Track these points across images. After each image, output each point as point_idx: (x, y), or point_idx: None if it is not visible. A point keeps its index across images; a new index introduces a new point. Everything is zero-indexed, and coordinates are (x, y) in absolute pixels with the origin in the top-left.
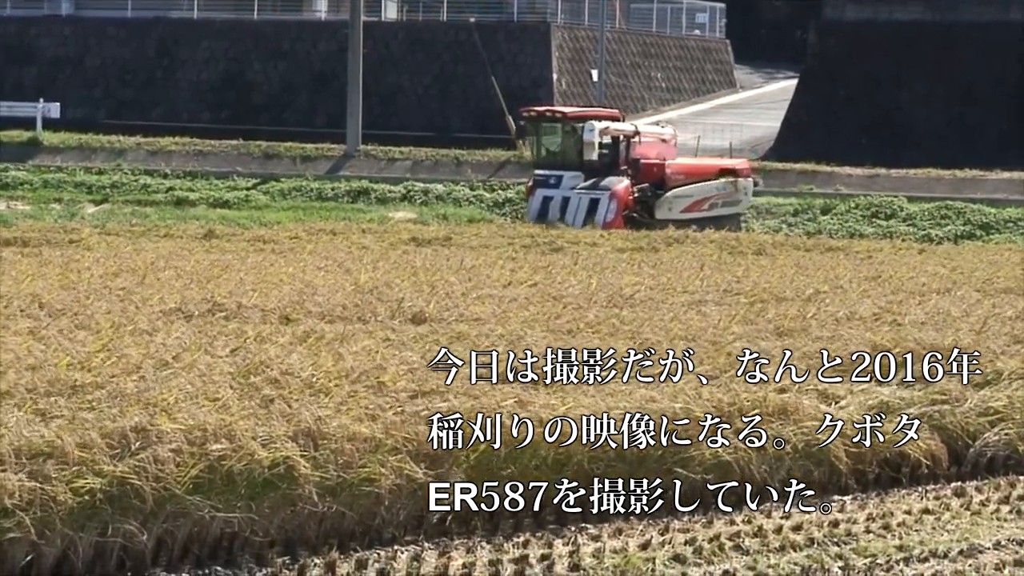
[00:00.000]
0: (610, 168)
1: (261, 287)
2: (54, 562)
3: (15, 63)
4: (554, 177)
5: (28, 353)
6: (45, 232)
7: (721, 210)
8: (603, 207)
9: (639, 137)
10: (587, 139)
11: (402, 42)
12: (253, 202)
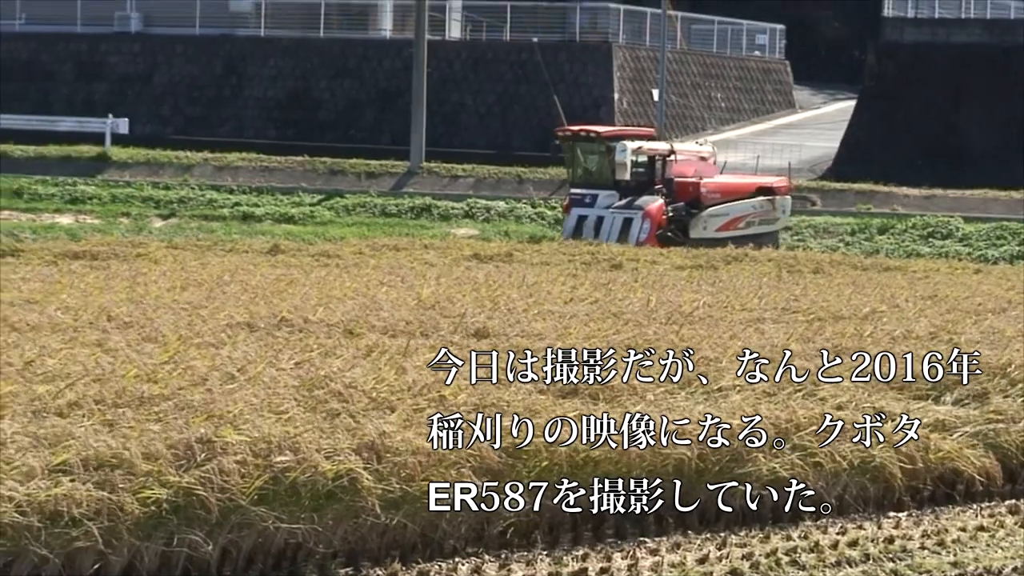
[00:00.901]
0: (645, 187)
1: (325, 301)
2: (121, 571)
3: (85, 79)
4: (589, 196)
5: (96, 365)
6: (113, 246)
7: (758, 228)
8: (636, 226)
9: (674, 156)
10: (619, 159)
11: (465, 61)
12: (318, 218)
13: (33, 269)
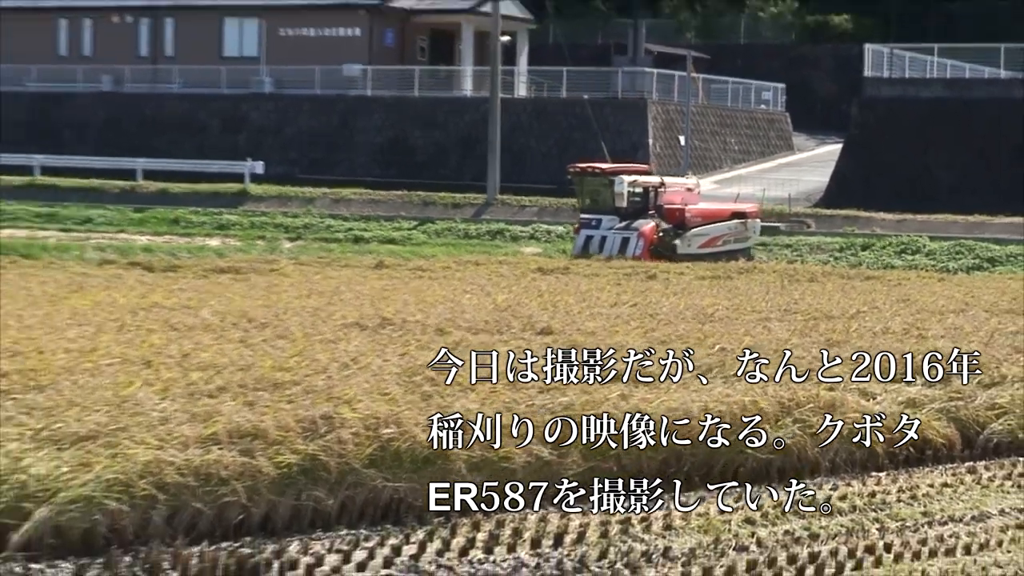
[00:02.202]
0: (640, 212)
1: (420, 306)
2: (260, 521)
3: (229, 130)
4: (595, 220)
5: (240, 357)
6: (252, 262)
7: (733, 245)
8: (632, 244)
9: (664, 187)
10: (617, 190)
11: (530, 114)
12: (414, 239)
13: (188, 281)
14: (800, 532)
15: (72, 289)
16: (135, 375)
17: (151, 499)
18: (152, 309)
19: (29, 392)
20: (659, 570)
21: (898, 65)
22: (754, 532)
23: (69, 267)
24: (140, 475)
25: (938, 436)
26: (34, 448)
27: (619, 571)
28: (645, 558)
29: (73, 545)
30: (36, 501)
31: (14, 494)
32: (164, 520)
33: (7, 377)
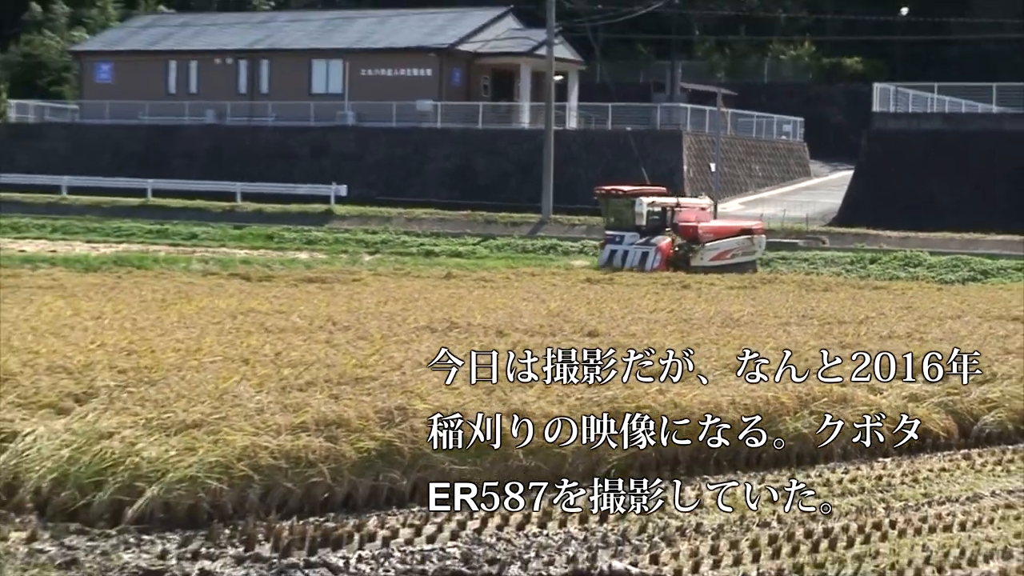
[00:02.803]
0: (658, 229)
1: (483, 311)
2: (343, 499)
3: (316, 158)
4: (619, 236)
5: (326, 356)
6: (336, 273)
7: (741, 258)
8: (650, 257)
9: (680, 207)
10: (637, 210)
11: (580, 144)
12: (478, 254)
13: (281, 289)
14: (817, 510)
15: (179, 296)
16: (234, 371)
17: (248, 479)
18: (249, 314)
19: (142, 386)
20: (692, 543)
21: (903, 101)
22: (775, 511)
23: (177, 277)
24: (238, 458)
25: (937, 427)
26: (146, 434)
27: (656, 544)
28: (680, 532)
29: (180, 519)
30: (148, 481)
31: (129, 475)
32: (259, 497)
33: (124, 373)
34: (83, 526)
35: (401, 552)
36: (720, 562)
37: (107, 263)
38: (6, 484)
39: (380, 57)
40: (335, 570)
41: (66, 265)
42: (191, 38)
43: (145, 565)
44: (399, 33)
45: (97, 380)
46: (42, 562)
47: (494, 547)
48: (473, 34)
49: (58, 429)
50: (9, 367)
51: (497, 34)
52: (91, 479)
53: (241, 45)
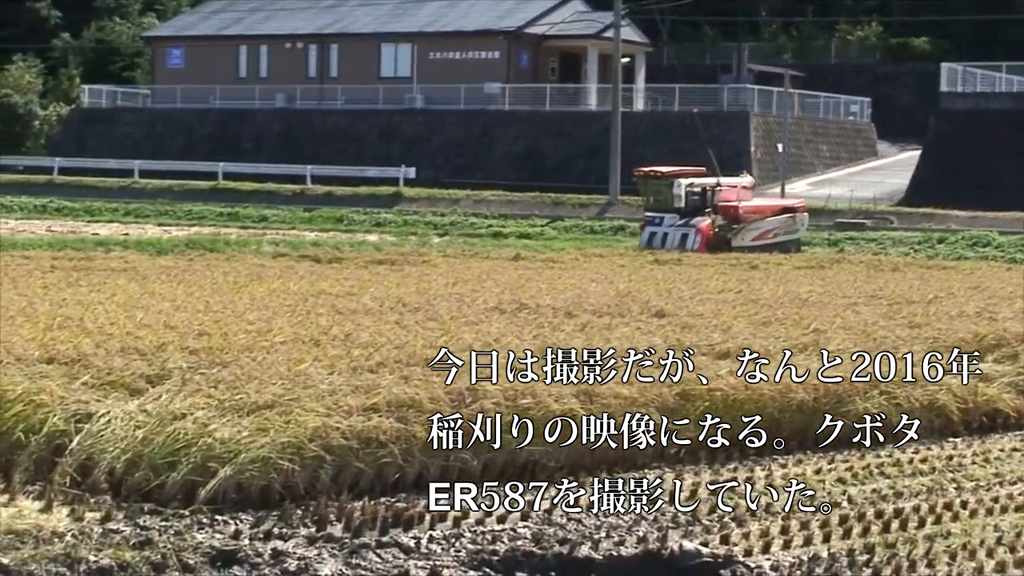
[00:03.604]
0: (699, 210)
1: (552, 292)
2: (414, 479)
3: (385, 141)
4: (658, 218)
5: (396, 337)
6: (405, 255)
7: (783, 237)
8: (690, 238)
9: (720, 187)
10: (675, 192)
11: (647, 126)
12: (546, 235)
13: (351, 271)
14: (886, 490)
15: (251, 278)
16: (305, 353)
17: (319, 459)
18: (320, 295)
19: (215, 367)
20: (762, 524)
21: (970, 81)
22: (845, 490)
23: (248, 259)
24: (310, 439)
25: (1008, 407)
26: (219, 416)
27: (727, 524)
28: (750, 513)
29: (252, 500)
30: (221, 461)
31: (202, 455)
32: (331, 478)
33: (196, 354)
34: (157, 506)
35: (472, 532)
36: (791, 542)
37: (179, 246)
38: (81, 465)
39: (448, 40)
40: (406, 550)
41: (138, 248)
42: (261, 23)
43: (218, 545)
44: (467, 16)
45: (170, 361)
46: (117, 542)
47: (564, 527)
48: (541, 17)
49: (132, 410)
50: (83, 349)
51: (564, 17)
52: (164, 460)
53: (311, 29)
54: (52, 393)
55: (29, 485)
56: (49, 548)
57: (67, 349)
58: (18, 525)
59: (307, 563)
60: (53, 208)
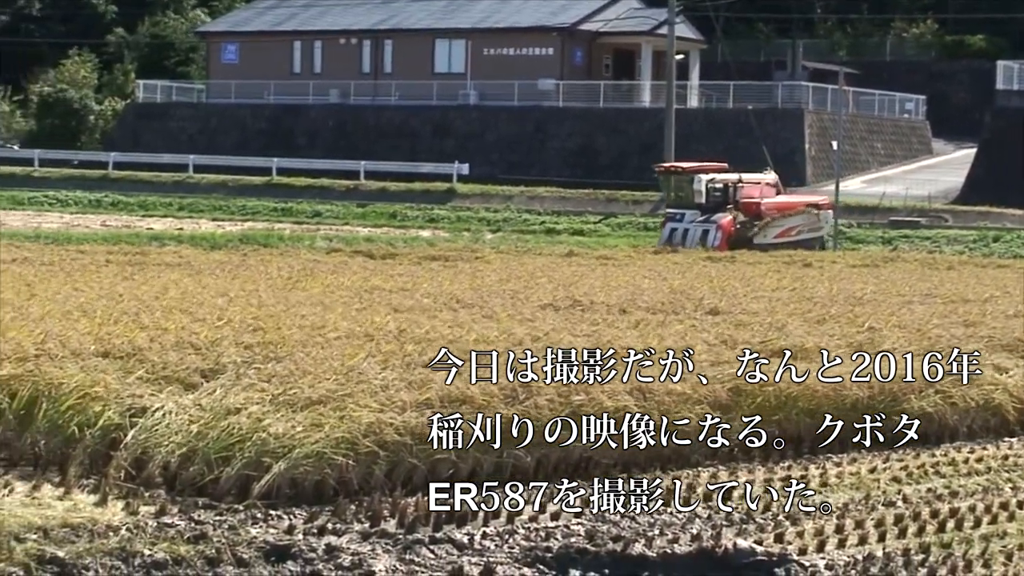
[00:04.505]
0: (720, 206)
1: (605, 289)
2: (467, 475)
3: (439, 136)
4: (680, 214)
5: (450, 332)
6: (458, 251)
7: (807, 235)
8: (711, 235)
9: (742, 183)
10: (696, 187)
11: (701, 123)
12: (599, 232)
13: (404, 267)
14: (941, 490)
15: (304, 273)
16: (359, 348)
17: (373, 455)
18: (373, 291)
19: (269, 362)
20: (816, 522)
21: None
22: (900, 489)
23: (301, 254)
24: (364, 434)
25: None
26: (273, 411)
27: (781, 523)
28: (804, 511)
29: (306, 495)
30: (275, 456)
31: (256, 450)
32: (384, 473)
33: (250, 349)
34: (211, 501)
35: (525, 529)
36: (845, 541)
37: (233, 241)
38: (136, 459)
39: (502, 37)
40: (460, 546)
41: (192, 243)
42: (316, 18)
43: (272, 540)
44: (521, 13)
45: (224, 356)
46: (171, 536)
47: (618, 524)
48: (595, 13)
49: (186, 404)
50: (138, 343)
51: (618, 13)
52: (219, 454)
53: (365, 25)
54: (107, 387)
55: (84, 479)
56: (104, 542)
57: (122, 343)
58: (73, 519)
59: (361, 558)
60: (108, 203)
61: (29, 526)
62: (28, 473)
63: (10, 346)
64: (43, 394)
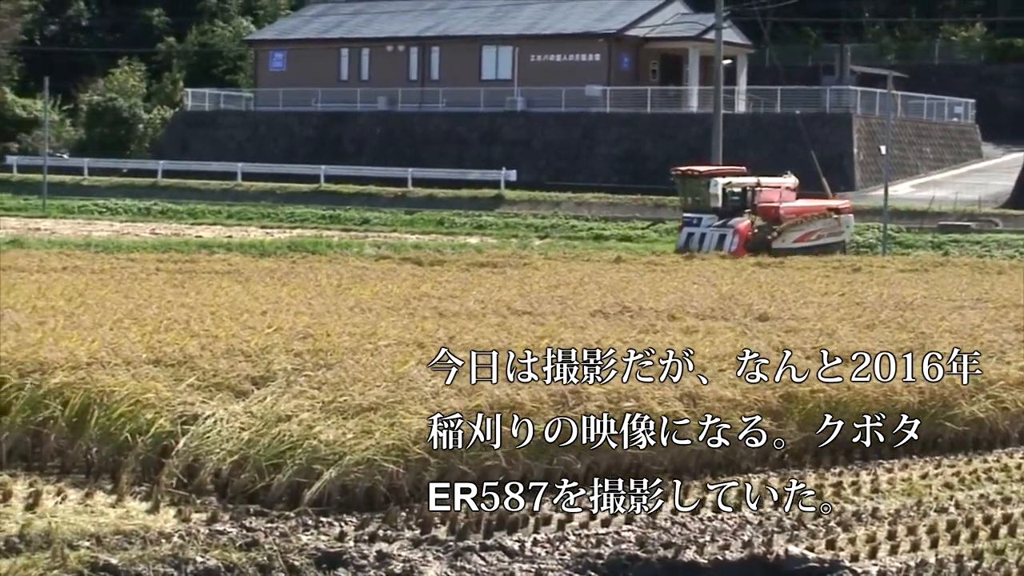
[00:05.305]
0: (738, 211)
1: (654, 295)
2: (518, 480)
3: (486, 143)
4: (696, 218)
5: (497, 339)
6: (507, 257)
7: (827, 239)
8: (728, 240)
9: (760, 187)
10: (712, 191)
11: (748, 127)
12: (647, 238)
13: (453, 274)
14: (994, 495)
15: (353, 280)
16: (409, 355)
17: (423, 462)
18: (422, 298)
19: (319, 370)
20: (868, 529)
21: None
22: (952, 495)
23: (350, 261)
24: (414, 441)
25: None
26: (323, 418)
27: (832, 529)
28: (856, 517)
29: (357, 502)
30: (325, 463)
31: (306, 457)
32: (435, 480)
33: (300, 356)
34: (262, 508)
35: (576, 536)
36: (898, 547)
37: (281, 248)
38: (187, 466)
39: (549, 43)
40: (511, 553)
41: (241, 250)
42: (363, 26)
43: (323, 547)
44: (568, 19)
45: (274, 363)
46: (223, 543)
47: (669, 531)
48: (642, 19)
49: (237, 412)
50: (189, 350)
51: (665, 19)
52: (270, 461)
53: (412, 32)
54: (159, 394)
55: (136, 486)
56: (156, 549)
57: (173, 351)
58: (126, 526)
59: (412, 565)
60: (157, 211)
61: (82, 533)
62: (81, 481)
63: (63, 354)
64: (95, 402)
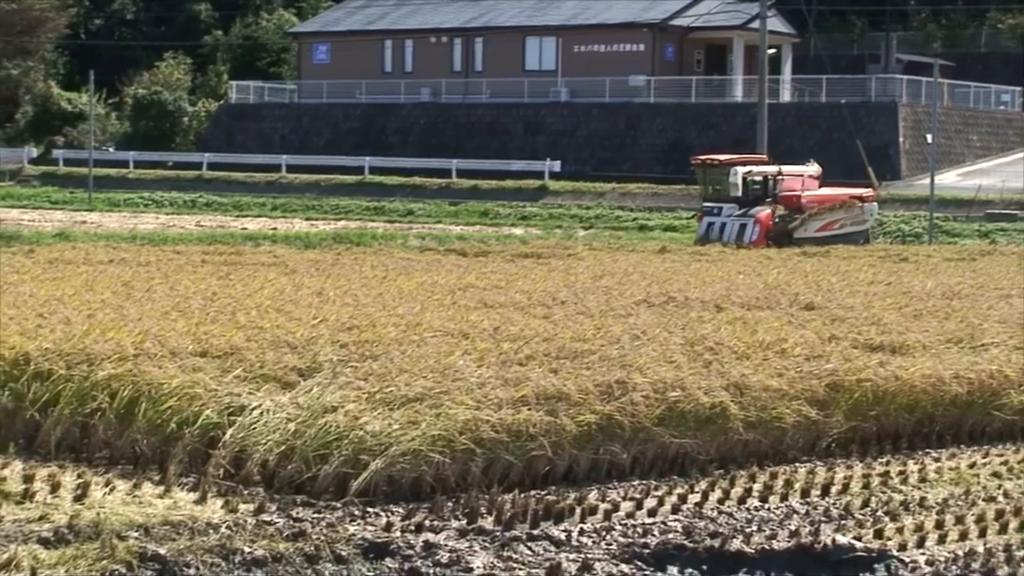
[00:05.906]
0: (759, 200)
1: (699, 285)
2: (563, 472)
3: (530, 134)
4: (716, 208)
5: (544, 330)
6: (551, 248)
7: (850, 228)
8: (749, 229)
9: (782, 176)
10: (731, 180)
11: (794, 117)
12: (692, 227)
13: (497, 265)
14: None
15: (398, 272)
16: (455, 346)
17: (470, 452)
18: (467, 289)
19: (365, 361)
20: (916, 518)
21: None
22: (1000, 484)
23: (395, 253)
24: (460, 431)
25: None
26: (370, 408)
27: (880, 518)
28: (903, 507)
29: (403, 492)
30: (372, 454)
31: (353, 448)
32: (481, 471)
33: (346, 348)
34: (309, 498)
35: (623, 526)
36: (946, 537)
37: (326, 240)
38: (234, 457)
39: (593, 33)
40: (557, 543)
41: (287, 242)
42: (406, 17)
43: (370, 537)
44: (612, 9)
45: (320, 355)
46: (270, 533)
47: (715, 521)
48: (686, 9)
49: (284, 403)
50: (235, 342)
51: (710, 8)
52: (316, 452)
53: (456, 23)
54: (206, 386)
55: (184, 477)
56: (204, 539)
57: (220, 343)
58: (174, 516)
59: (458, 555)
60: (202, 203)
61: (131, 524)
62: (129, 472)
63: (110, 346)
64: (143, 394)
